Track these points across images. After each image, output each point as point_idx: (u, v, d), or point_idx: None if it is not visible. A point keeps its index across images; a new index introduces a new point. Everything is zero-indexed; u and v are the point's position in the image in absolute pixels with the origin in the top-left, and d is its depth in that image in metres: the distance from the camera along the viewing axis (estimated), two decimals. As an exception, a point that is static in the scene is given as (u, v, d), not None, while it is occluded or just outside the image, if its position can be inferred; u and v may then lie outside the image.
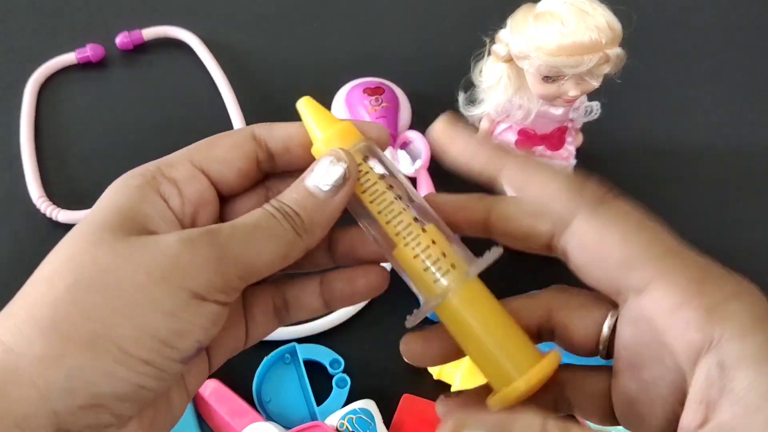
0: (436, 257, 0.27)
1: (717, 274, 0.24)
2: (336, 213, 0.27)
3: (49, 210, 0.53)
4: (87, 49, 0.62)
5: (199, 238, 0.24)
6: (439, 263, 0.27)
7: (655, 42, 0.67)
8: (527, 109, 0.51)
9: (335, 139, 0.28)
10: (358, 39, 0.66)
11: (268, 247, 0.25)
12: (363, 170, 0.28)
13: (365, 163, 0.28)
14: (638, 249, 0.24)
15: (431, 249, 0.27)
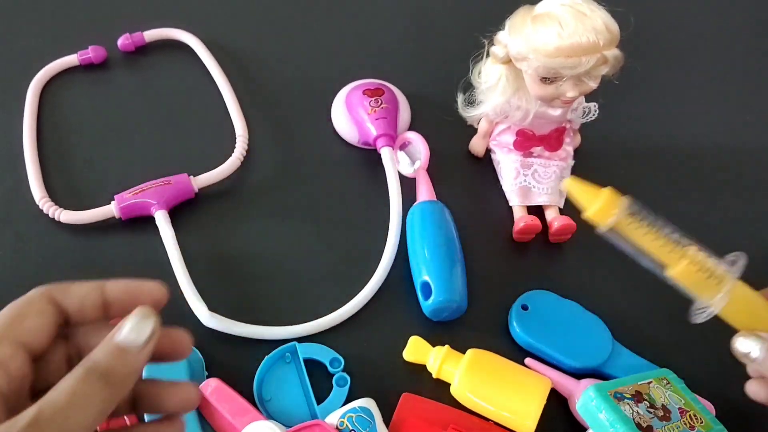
0: (712, 268, 0.39)
1: None
2: (145, 363, 0.29)
3: (51, 210, 0.53)
4: (89, 51, 0.62)
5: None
6: (715, 272, 0.39)
7: (652, 43, 0.68)
8: (526, 110, 0.51)
9: (605, 208, 0.38)
10: (358, 41, 0.66)
11: (87, 413, 0.27)
12: (635, 221, 0.38)
13: (634, 216, 0.38)
14: None
15: (707, 262, 0.39)
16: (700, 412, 0.44)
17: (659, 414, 0.42)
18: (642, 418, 0.41)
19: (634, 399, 0.42)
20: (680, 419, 0.42)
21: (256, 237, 0.54)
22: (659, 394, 0.44)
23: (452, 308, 0.49)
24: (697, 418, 0.43)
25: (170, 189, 0.54)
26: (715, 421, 0.44)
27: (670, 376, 0.47)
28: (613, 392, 0.42)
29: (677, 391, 0.45)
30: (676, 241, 0.39)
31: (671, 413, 0.42)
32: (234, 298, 0.51)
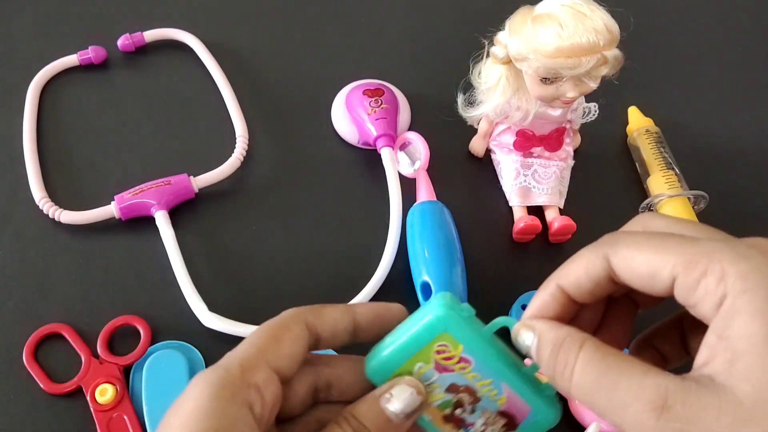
0: (676, 184, 0.54)
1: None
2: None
3: (51, 211, 0.53)
4: (89, 51, 0.62)
5: None
6: (675, 185, 0.54)
7: (652, 44, 0.68)
8: (526, 111, 0.51)
9: None
10: (358, 40, 0.66)
11: None
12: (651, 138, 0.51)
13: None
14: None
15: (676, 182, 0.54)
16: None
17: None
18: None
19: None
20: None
21: (256, 237, 0.54)
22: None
23: (452, 308, 0.49)
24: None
25: (170, 189, 0.54)
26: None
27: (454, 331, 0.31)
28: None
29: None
30: (668, 164, 0.55)
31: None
32: (234, 298, 0.51)
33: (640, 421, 0.25)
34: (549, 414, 0.30)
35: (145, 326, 0.48)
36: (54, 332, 0.48)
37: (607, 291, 0.29)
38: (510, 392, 0.30)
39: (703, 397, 0.24)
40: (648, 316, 0.33)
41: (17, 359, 0.47)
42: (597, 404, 0.26)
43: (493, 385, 0.30)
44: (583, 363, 0.27)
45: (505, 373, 0.30)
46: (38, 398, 0.46)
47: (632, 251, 0.27)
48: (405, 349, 0.30)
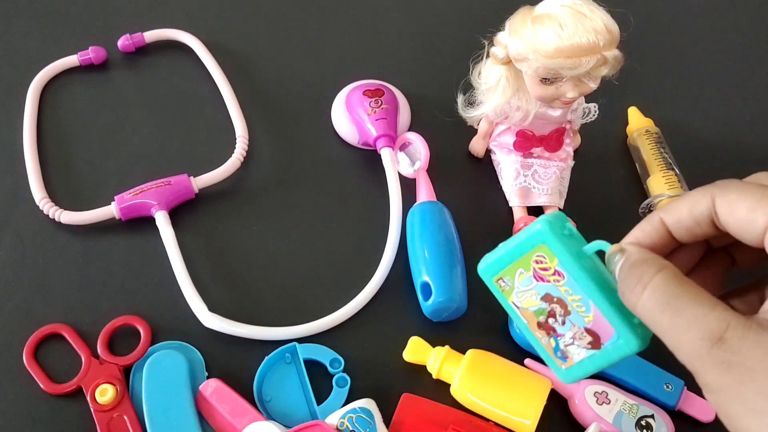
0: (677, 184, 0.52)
1: None
2: None
3: (51, 211, 0.53)
4: (89, 51, 0.62)
5: None
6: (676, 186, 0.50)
7: (652, 44, 0.68)
8: (525, 111, 0.51)
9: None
10: (358, 41, 0.67)
11: None
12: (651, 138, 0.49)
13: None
14: None
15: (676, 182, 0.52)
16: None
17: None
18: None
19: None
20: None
21: (256, 237, 0.54)
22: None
23: (452, 309, 0.49)
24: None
25: (170, 189, 0.54)
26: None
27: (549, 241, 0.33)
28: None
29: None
30: (668, 164, 0.55)
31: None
32: (234, 298, 0.51)
33: (694, 348, 0.26)
34: (631, 341, 0.31)
35: (145, 326, 0.48)
36: (54, 332, 0.49)
37: (706, 233, 0.30)
38: (597, 312, 0.31)
39: (761, 336, 0.25)
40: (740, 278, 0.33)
41: (17, 359, 0.47)
42: (659, 324, 0.28)
43: (582, 302, 0.32)
44: (658, 283, 0.28)
45: (594, 293, 0.31)
46: (38, 398, 0.46)
47: (738, 195, 0.28)
48: (510, 254, 0.33)
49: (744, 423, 0.26)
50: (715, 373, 0.26)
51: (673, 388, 0.47)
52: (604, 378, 0.48)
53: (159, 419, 0.44)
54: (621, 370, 0.48)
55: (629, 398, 0.46)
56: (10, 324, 0.49)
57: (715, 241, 0.32)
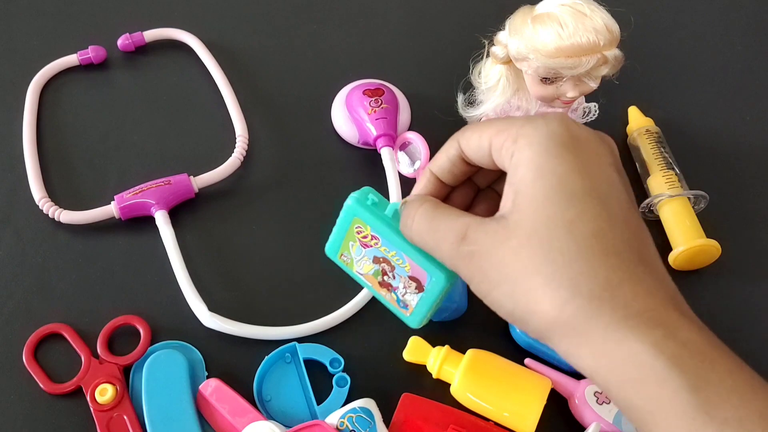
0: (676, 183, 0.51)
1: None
2: None
3: (51, 210, 0.53)
4: (89, 51, 0.62)
5: None
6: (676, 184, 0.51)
7: (652, 44, 0.68)
8: (526, 111, 0.51)
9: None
10: (358, 40, 0.66)
11: None
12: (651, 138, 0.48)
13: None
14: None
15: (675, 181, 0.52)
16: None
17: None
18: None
19: None
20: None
21: (256, 237, 0.54)
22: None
23: (452, 308, 0.49)
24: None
25: (170, 189, 0.54)
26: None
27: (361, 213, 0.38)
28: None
29: None
30: (668, 164, 0.56)
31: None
32: (234, 298, 0.51)
33: (449, 251, 0.33)
34: (440, 277, 0.36)
35: (145, 326, 0.48)
36: (54, 332, 0.48)
37: (462, 170, 0.37)
38: (410, 261, 0.37)
39: (493, 227, 0.32)
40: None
41: (17, 359, 0.47)
42: (428, 243, 0.34)
43: (398, 256, 0.37)
44: (421, 212, 0.35)
45: (402, 246, 0.37)
46: (38, 398, 0.46)
47: (471, 131, 0.35)
48: (339, 232, 0.39)
49: (492, 296, 0.32)
50: (465, 265, 0.33)
51: (673, 388, 0.47)
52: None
53: (159, 419, 0.44)
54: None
55: (629, 398, 0.46)
56: (10, 324, 0.49)
57: (479, 180, 0.39)
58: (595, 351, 0.29)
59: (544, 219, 0.30)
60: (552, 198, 0.31)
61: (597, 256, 0.30)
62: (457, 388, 0.46)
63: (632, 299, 0.29)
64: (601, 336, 0.29)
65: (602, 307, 0.29)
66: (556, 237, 0.30)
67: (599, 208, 0.31)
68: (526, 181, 0.31)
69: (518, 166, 0.32)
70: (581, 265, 0.30)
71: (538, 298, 0.30)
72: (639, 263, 0.30)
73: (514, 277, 0.31)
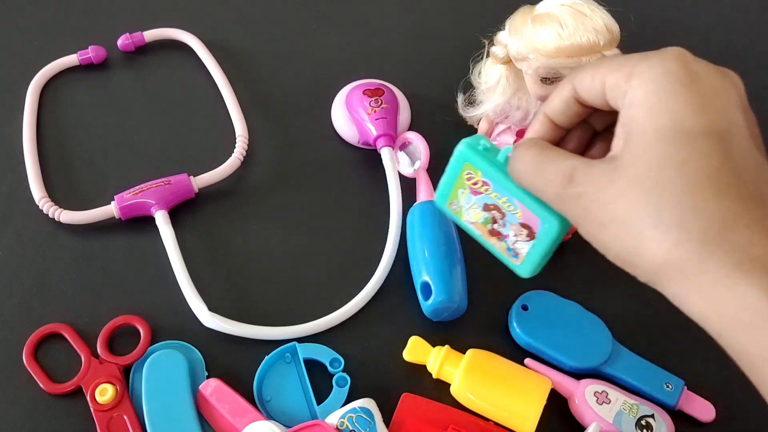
0: None
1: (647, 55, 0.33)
2: None
3: (51, 210, 0.53)
4: (89, 51, 0.62)
5: None
6: None
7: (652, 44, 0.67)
8: (526, 110, 0.51)
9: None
10: (358, 40, 0.66)
11: None
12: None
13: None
14: None
15: None
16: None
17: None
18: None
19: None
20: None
21: (256, 237, 0.54)
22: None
23: (452, 308, 0.49)
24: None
25: (170, 189, 0.54)
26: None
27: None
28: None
29: None
30: None
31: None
32: (234, 298, 0.51)
33: (555, 193, 0.32)
34: (553, 222, 0.35)
35: (145, 326, 0.48)
36: (54, 332, 0.48)
37: (575, 112, 0.35)
38: (522, 207, 0.36)
39: (602, 168, 0.31)
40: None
41: (17, 359, 0.47)
42: (535, 186, 0.34)
43: (509, 202, 0.36)
44: (528, 154, 0.34)
45: (513, 190, 0.36)
46: (38, 398, 0.46)
47: (585, 70, 0.34)
48: (448, 180, 0.38)
49: (599, 239, 0.31)
50: (571, 207, 0.32)
51: (673, 388, 0.47)
52: (604, 378, 0.48)
53: (159, 419, 0.44)
54: (621, 369, 0.48)
55: (629, 398, 0.46)
56: (9, 323, 0.49)
57: (595, 121, 0.37)
58: (706, 296, 0.29)
59: (655, 159, 0.29)
60: (664, 137, 0.29)
61: (710, 198, 0.28)
62: (457, 388, 0.46)
63: (748, 243, 0.28)
64: (712, 280, 0.28)
65: (715, 251, 0.28)
66: (667, 177, 0.29)
67: (715, 147, 0.29)
68: (637, 121, 0.30)
69: (631, 106, 0.31)
70: (693, 207, 0.28)
71: (646, 240, 0.29)
72: (758, 206, 0.29)
73: (622, 219, 0.30)
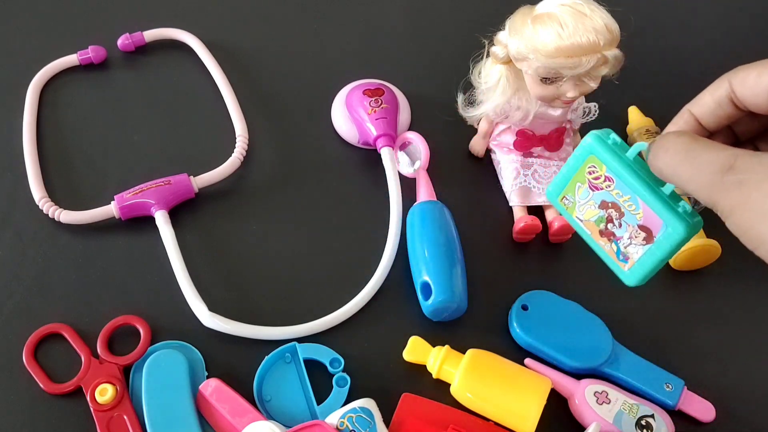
0: None
1: None
2: None
3: (51, 210, 0.53)
4: (89, 51, 0.62)
5: None
6: None
7: (652, 44, 0.68)
8: (526, 111, 0.51)
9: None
10: (358, 40, 0.66)
11: None
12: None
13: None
14: None
15: None
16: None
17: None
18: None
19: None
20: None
21: (256, 237, 0.54)
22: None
23: (452, 308, 0.49)
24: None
25: (170, 189, 0.54)
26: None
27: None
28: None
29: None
30: None
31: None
32: (234, 298, 0.51)
33: (709, 181, 0.30)
34: (678, 226, 0.34)
35: (145, 326, 0.48)
36: (54, 332, 0.48)
37: (728, 114, 0.34)
38: (645, 207, 0.35)
39: (765, 158, 0.29)
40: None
41: (17, 359, 0.47)
42: (681, 175, 0.31)
43: (632, 201, 0.35)
44: (676, 142, 0.32)
45: (639, 188, 0.34)
46: (38, 398, 0.46)
47: (748, 69, 0.32)
48: (568, 172, 0.38)
49: (756, 230, 0.29)
50: (728, 194, 0.30)
51: (673, 388, 0.47)
52: (605, 378, 0.48)
53: (159, 419, 0.44)
54: (621, 369, 0.48)
55: (629, 398, 0.46)
56: (9, 323, 0.49)
57: (740, 129, 0.35)
58: None
59: None
60: None
61: None
62: (457, 388, 0.46)
63: None
64: None
65: None
66: None
67: None
68: None
69: None
70: None
71: None
72: None
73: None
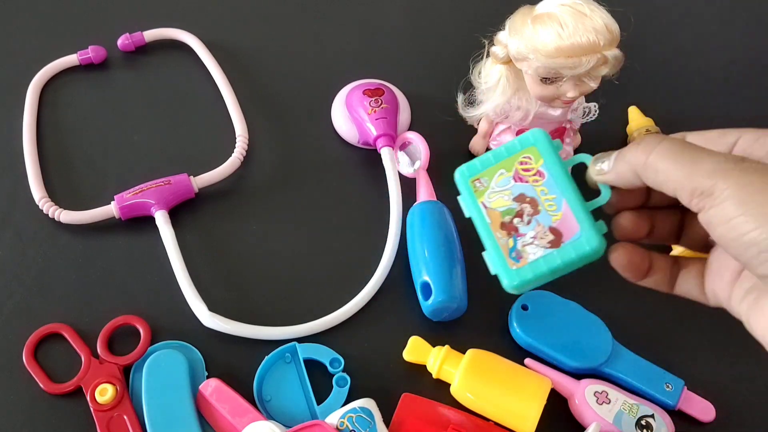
0: None
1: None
2: None
3: (51, 210, 0.53)
4: (89, 51, 0.62)
5: None
6: None
7: (652, 44, 0.68)
8: (526, 111, 0.51)
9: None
10: (358, 40, 0.66)
11: None
12: None
13: None
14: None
15: None
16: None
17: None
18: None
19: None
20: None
21: (256, 237, 0.54)
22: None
23: (452, 308, 0.49)
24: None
25: (170, 189, 0.54)
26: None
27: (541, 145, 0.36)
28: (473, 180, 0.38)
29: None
30: None
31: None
32: (234, 298, 0.51)
33: (716, 164, 0.29)
34: (592, 238, 0.33)
35: (145, 326, 0.48)
36: (54, 332, 0.48)
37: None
38: (567, 210, 0.34)
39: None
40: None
41: (17, 359, 0.47)
42: (674, 172, 0.30)
43: (555, 201, 0.35)
44: (665, 145, 0.31)
45: (569, 192, 0.34)
46: (38, 398, 0.46)
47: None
48: (497, 155, 0.36)
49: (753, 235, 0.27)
50: (738, 174, 0.29)
51: (673, 388, 0.47)
52: (605, 378, 0.48)
53: (159, 419, 0.44)
54: (621, 369, 0.48)
55: (629, 398, 0.46)
56: (9, 323, 0.49)
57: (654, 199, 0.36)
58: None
59: None
60: None
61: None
62: (457, 388, 0.46)
63: None
64: None
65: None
66: None
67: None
68: None
69: None
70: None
71: None
72: None
73: None
